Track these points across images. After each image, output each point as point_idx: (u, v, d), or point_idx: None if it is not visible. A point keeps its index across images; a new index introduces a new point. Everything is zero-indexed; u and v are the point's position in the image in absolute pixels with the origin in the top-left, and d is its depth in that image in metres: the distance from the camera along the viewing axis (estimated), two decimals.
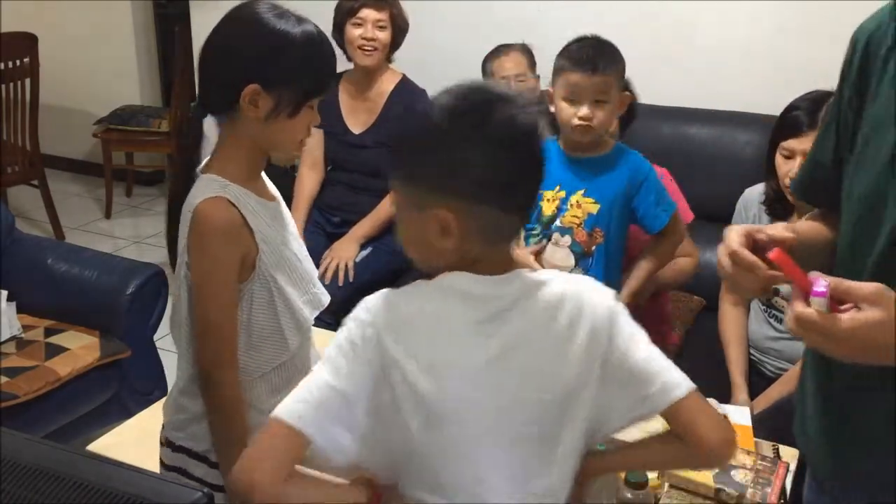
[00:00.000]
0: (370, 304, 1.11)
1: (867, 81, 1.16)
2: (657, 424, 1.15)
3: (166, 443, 1.56)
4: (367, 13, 2.84)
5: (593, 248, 2.03)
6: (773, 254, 1.05)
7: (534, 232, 2.09)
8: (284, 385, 1.48)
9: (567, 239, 2.04)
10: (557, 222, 2.05)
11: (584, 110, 1.95)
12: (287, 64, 1.37)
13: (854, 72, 1.19)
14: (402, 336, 1.09)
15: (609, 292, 1.15)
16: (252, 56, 1.37)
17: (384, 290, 1.13)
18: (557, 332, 1.11)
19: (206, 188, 1.41)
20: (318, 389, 1.08)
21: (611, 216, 2.03)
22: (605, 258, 2.05)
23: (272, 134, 1.42)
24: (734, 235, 1.14)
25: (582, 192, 2.02)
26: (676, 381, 1.11)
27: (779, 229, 1.17)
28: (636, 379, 1.11)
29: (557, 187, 2.04)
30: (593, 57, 1.95)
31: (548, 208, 2.04)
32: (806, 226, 1.34)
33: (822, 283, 0.99)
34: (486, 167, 1.06)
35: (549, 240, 2.07)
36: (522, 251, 2.04)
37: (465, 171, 1.06)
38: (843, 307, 1.00)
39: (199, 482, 1.48)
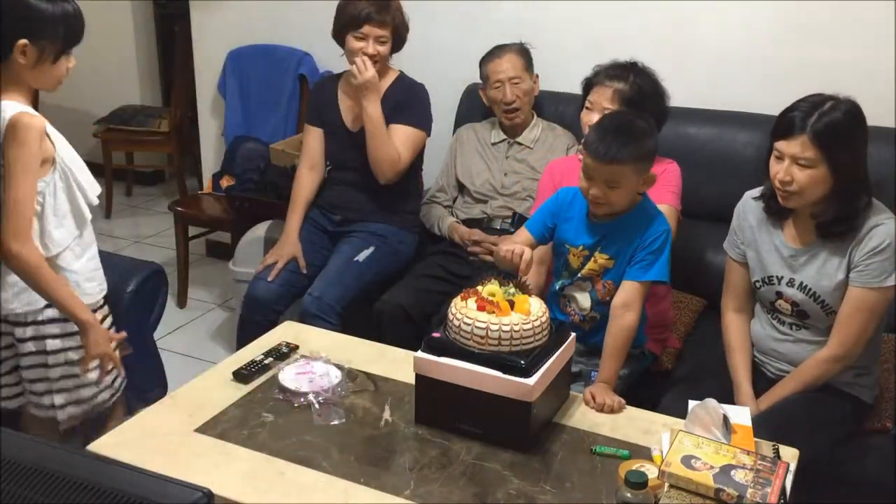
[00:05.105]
0: None
1: None
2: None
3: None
4: (370, 29, 2.80)
5: (608, 297, 2.18)
6: None
7: (563, 277, 2.26)
8: (83, 252, 2.10)
9: (588, 285, 2.23)
10: (580, 273, 2.22)
11: (594, 191, 2.08)
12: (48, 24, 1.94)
13: None
14: None
15: None
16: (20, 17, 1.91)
17: None
18: None
19: (14, 106, 1.91)
20: None
21: (624, 271, 2.15)
22: None
23: (38, 76, 1.98)
24: None
25: (599, 249, 2.17)
26: None
27: None
28: None
29: (581, 246, 2.19)
30: (608, 145, 2.03)
31: (574, 262, 2.22)
32: None
33: None
34: None
35: (573, 284, 2.25)
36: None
37: None
38: None
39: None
